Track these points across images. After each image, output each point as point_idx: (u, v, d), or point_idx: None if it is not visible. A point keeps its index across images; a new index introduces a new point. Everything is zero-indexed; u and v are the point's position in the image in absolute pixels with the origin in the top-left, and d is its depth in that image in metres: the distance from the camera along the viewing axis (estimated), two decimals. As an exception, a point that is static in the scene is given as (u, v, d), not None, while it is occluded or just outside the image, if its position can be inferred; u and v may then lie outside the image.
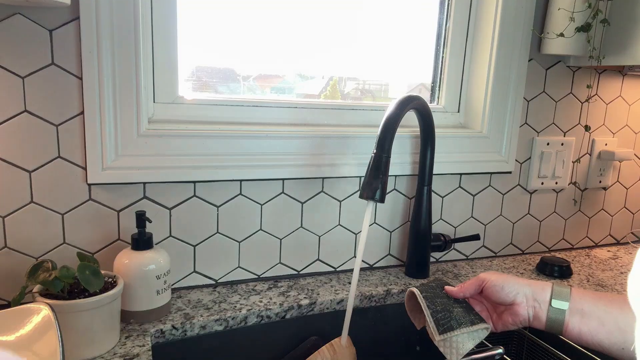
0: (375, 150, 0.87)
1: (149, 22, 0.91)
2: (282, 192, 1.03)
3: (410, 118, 1.04)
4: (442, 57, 1.19)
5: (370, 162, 0.87)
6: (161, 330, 0.84)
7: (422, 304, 0.75)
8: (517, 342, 1.09)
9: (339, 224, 1.09)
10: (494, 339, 1.04)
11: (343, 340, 0.88)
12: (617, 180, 1.40)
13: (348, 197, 1.08)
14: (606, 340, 0.65)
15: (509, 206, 1.27)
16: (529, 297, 0.70)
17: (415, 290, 0.79)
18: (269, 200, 1.02)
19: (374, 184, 0.86)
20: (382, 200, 0.86)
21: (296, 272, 1.08)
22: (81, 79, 0.83)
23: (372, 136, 1.06)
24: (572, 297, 0.68)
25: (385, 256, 1.16)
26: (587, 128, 1.29)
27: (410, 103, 0.92)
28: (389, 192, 1.12)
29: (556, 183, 1.30)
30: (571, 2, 1.08)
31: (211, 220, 0.98)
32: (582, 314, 0.66)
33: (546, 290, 0.69)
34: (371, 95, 1.22)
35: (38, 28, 0.80)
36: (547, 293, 0.69)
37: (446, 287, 0.79)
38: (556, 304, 0.68)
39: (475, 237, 1.17)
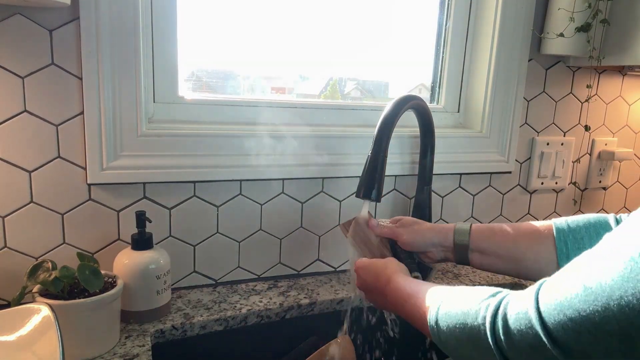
0: (371, 150, 0.87)
1: (149, 22, 0.91)
2: (282, 192, 1.03)
3: (411, 118, 1.04)
4: (442, 57, 1.19)
5: (366, 162, 0.87)
6: (161, 330, 0.84)
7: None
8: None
9: (339, 224, 1.09)
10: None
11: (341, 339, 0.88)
12: (617, 180, 1.40)
13: (348, 197, 1.08)
14: (503, 269, 0.77)
15: (509, 206, 1.27)
16: (437, 245, 0.80)
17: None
18: (269, 200, 1.02)
19: (370, 183, 0.86)
20: (378, 199, 0.87)
21: (296, 272, 1.08)
22: (81, 79, 0.83)
23: (371, 136, 1.05)
24: (470, 239, 0.78)
25: (385, 256, 1.16)
26: (587, 128, 1.29)
27: (408, 103, 0.92)
28: (388, 192, 1.12)
29: (556, 183, 1.30)
30: (571, 2, 1.08)
31: (211, 220, 0.98)
32: (480, 252, 0.77)
33: (449, 237, 0.80)
34: (371, 95, 1.22)
35: (38, 28, 0.80)
36: (450, 240, 0.79)
37: (370, 222, 0.86)
38: (458, 247, 0.78)
39: (475, 237, 1.17)
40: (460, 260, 0.80)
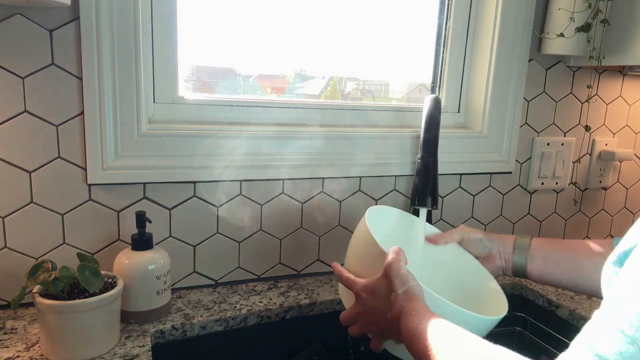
0: (420, 155, 0.83)
1: (149, 22, 0.91)
2: (282, 192, 1.03)
3: (412, 118, 1.04)
4: (442, 57, 1.19)
5: (417, 168, 0.83)
6: (161, 330, 0.84)
7: None
8: (517, 342, 1.09)
9: (339, 224, 1.09)
10: (494, 340, 1.04)
11: None
12: (618, 181, 1.40)
13: (348, 197, 1.08)
14: (563, 278, 0.78)
15: (509, 206, 1.27)
16: (502, 251, 0.82)
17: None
18: (269, 201, 1.02)
19: (424, 190, 0.84)
20: (434, 206, 0.85)
21: (296, 273, 1.08)
22: (81, 79, 0.83)
23: (372, 136, 1.06)
24: (531, 248, 0.80)
25: (386, 256, 1.16)
26: (587, 128, 1.29)
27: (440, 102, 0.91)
28: (388, 192, 1.12)
29: (556, 183, 1.30)
30: (571, 2, 1.08)
31: (211, 220, 0.98)
32: (541, 260, 0.79)
33: (509, 245, 0.82)
34: (371, 95, 1.22)
35: (38, 28, 0.80)
36: (510, 248, 0.81)
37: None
38: (518, 254, 0.80)
39: (476, 238, 1.16)
40: (516, 271, 0.81)
